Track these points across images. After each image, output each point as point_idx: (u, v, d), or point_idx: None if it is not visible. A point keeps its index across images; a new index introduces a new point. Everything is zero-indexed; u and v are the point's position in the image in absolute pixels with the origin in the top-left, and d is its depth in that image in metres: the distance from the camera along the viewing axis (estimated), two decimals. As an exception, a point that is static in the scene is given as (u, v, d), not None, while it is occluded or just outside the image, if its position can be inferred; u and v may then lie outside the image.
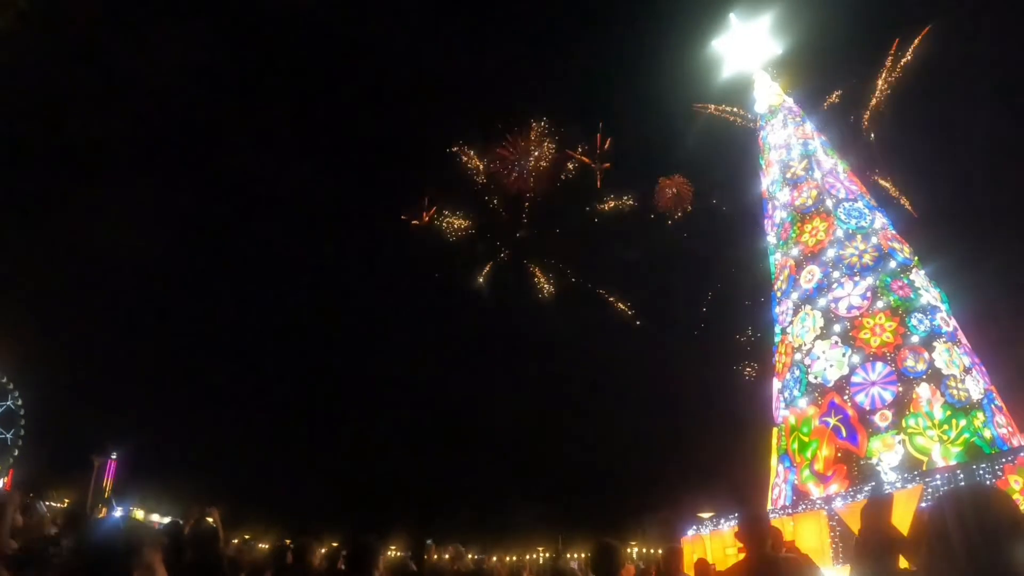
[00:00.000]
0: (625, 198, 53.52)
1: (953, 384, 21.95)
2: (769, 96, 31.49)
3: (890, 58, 41.00)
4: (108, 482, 36.59)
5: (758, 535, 5.18)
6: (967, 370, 22.64)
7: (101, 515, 28.16)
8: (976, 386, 22.38)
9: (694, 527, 26.34)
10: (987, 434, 21.20)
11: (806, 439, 23.76)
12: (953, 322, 24.32)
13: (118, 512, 33.38)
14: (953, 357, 22.66)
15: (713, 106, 36.41)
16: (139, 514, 37.25)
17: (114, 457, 37.69)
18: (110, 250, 43.77)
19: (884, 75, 41.03)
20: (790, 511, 21.32)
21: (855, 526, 7.49)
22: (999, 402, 22.97)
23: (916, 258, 25.80)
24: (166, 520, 37.57)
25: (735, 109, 35.07)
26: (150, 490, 38.44)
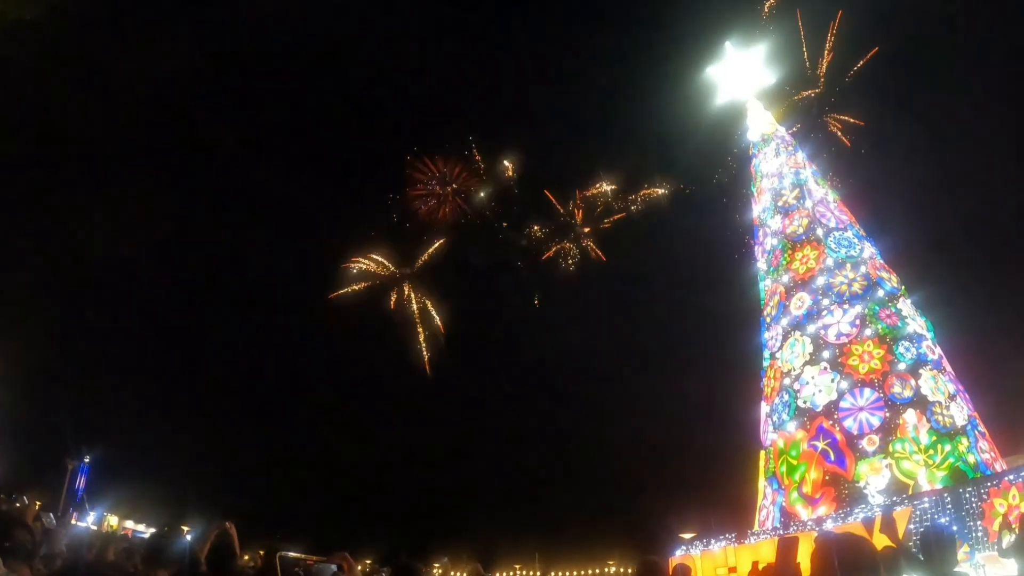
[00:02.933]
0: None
1: (938, 410, 22.61)
2: (762, 125, 32.24)
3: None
4: (81, 486, 36.18)
5: None
6: (952, 397, 23.30)
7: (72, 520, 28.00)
8: (960, 412, 23.05)
9: (681, 548, 26.70)
10: (971, 459, 21.87)
11: (795, 462, 24.27)
12: (938, 350, 24.98)
13: (91, 517, 33.10)
14: (938, 384, 23.31)
15: None
16: (113, 520, 36.88)
17: (88, 460, 37.30)
18: (90, 250, 43.54)
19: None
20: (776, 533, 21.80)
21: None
22: (982, 428, 23.66)
23: (903, 287, 26.49)
24: (140, 527, 37.38)
25: None
26: (125, 496, 38.04)
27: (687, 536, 28.25)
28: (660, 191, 51.15)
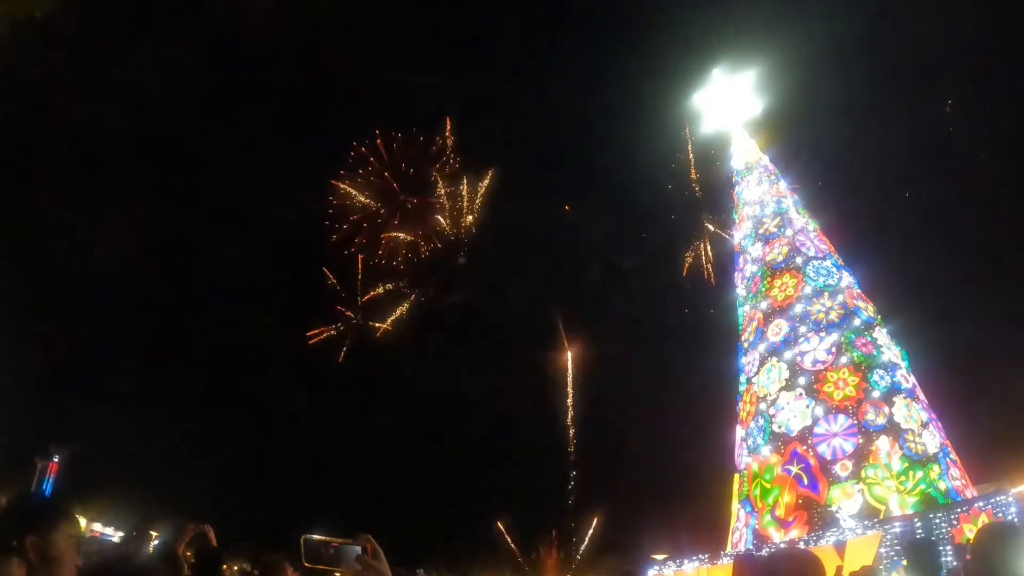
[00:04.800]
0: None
1: (911, 438, 22.92)
2: (746, 153, 32.76)
3: None
4: (48, 486, 35.64)
5: None
6: (924, 425, 23.63)
7: None
8: (933, 440, 23.38)
9: (653, 568, 26.76)
10: (942, 486, 22.16)
11: (768, 486, 24.48)
12: (912, 379, 25.35)
13: None
14: (912, 412, 23.63)
15: None
16: (81, 521, 36.27)
17: (56, 460, 36.79)
18: (64, 249, 43.14)
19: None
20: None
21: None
22: (954, 456, 23.98)
23: (880, 317, 26.91)
24: (109, 530, 36.78)
25: None
26: (94, 497, 37.49)
27: (660, 557, 28.31)
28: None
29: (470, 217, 55.28)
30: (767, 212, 30.14)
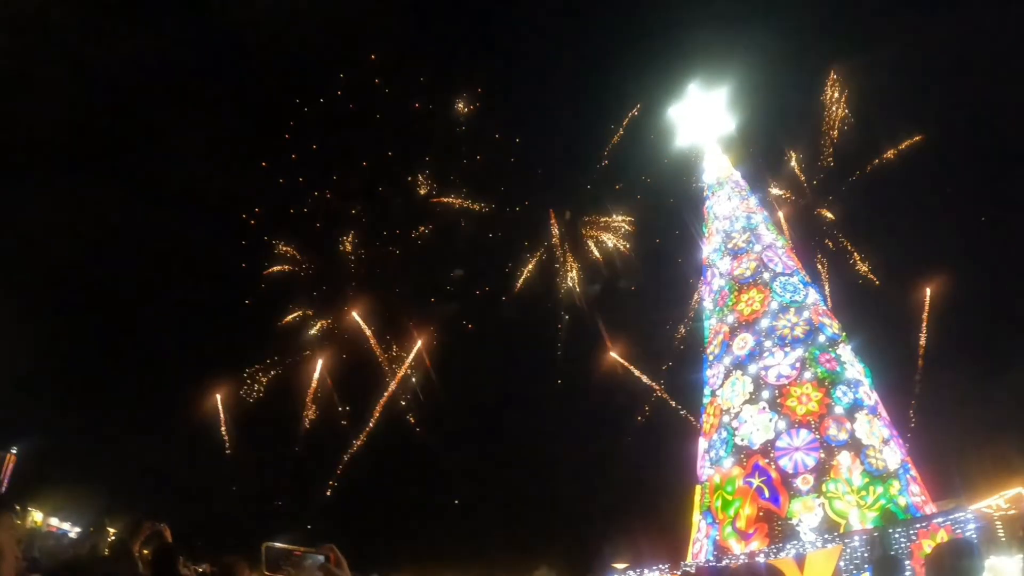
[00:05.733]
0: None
1: (872, 454, 23.10)
2: (718, 168, 33.01)
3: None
4: (5, 479, 34.45)
5: None
6: (886, 441, 23.86)
7: None
8: (893, 456, 23.60)
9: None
10: (902, 501, 22.35)
11: (730, 498, 24.48)
12: (875, 396, 25.62)
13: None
14: (873, 428, 23.85)
15: None
16: (37, 516, 35.16)
17: (14, 452, 35.59)
18: (26, 241, 42.02)
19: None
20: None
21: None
22: (914, 472, 24.24)
23: (844, 334, 27.18)
24: (66, 525, 35.74)
25: None
26: (52, 492, 36.40)
27: (620, 566, 28.15)
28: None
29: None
30: (736, 227, 30.34)
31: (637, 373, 48.86)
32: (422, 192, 53.72)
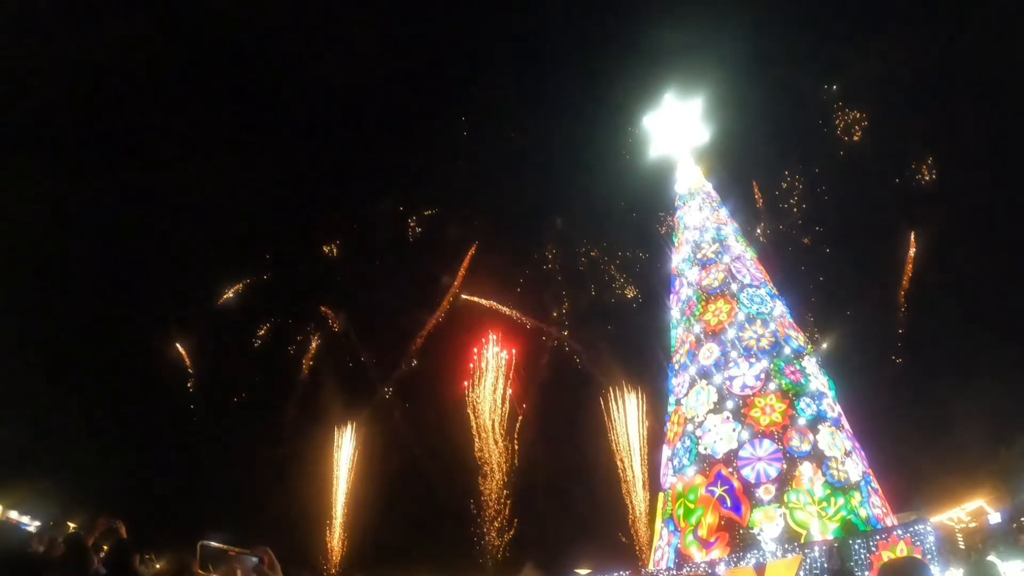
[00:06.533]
0: None
1: (834, 465, 23.15)
2: (690, 179, 33.06)
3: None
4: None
5: None
6: (848, 453, 23.94)
7: None
8: (855, 468, 23.67)
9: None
10: (863, 513, 22.42)
11: (692, 506, 24.38)
12: (838, 408, 25.74)
13: None
14: (836, 440, 23.91)
15: None
16: (-4, 508, 34.40)
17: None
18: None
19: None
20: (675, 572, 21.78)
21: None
22: (875, 484, 24.39)
23: (809, 346, 27.32)
24: (25, 519, 34.85)
25: None
26: (14, 484, 35.61)
27: (582, 572, 27.94)
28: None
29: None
30: (706, 238, 30.39)
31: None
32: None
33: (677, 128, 33.75)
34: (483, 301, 58.32)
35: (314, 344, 59.06)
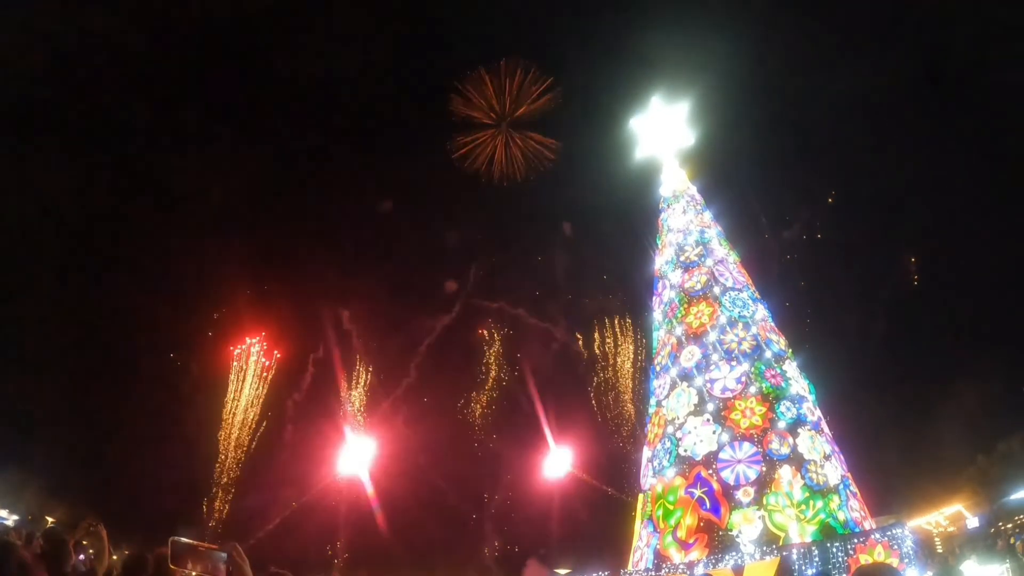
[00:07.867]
0: None
1: (813, 468, 23.23)
2: (675, 181, 33.09)
3: None
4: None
5: None
6: (827, 457, 24.03)
7: None
8: (834, 472, 23.76)
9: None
10: (841, 516, 22.51)
11: (671, 507, 24.39)
12: (818, 412, 25.85)
13: None
14: (815, 444, 23.99)
15: None
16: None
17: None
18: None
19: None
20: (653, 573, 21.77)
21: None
22: (854, 488, 24.51)
23: (790, 350, 27.39)
24: (3, 512, 34.51)
25: None
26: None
27: (562, 572, 27.90)
28: None
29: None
30: (690, 241, 30.43)
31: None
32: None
33: (663, 131, 33.79)
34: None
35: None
